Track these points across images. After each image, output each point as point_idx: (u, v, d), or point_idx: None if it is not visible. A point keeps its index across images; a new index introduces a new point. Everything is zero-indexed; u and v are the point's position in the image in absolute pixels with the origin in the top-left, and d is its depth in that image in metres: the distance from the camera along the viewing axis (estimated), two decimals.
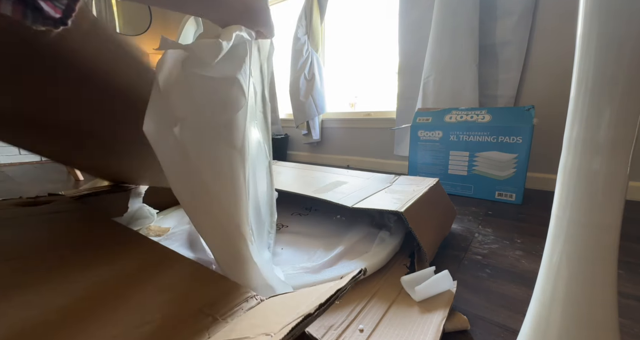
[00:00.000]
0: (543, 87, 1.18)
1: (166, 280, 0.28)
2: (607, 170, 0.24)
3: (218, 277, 0.29)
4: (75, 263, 0.31)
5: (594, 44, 0.23)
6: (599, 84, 0.23)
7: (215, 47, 0.28)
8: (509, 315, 0.43)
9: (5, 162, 1.97)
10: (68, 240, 0.36)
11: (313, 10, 1.75)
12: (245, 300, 0.25)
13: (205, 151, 0.29)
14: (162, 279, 0.28)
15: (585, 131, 0.24)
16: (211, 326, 0.22)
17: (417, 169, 1.24)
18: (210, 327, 0.21)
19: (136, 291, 0.26)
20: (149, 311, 0.23)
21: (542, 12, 1.14)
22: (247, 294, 0.26)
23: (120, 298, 0.25)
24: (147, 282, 0.28)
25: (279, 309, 0.23)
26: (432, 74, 1.35)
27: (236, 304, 0.25)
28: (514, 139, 0.99)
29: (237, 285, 0.28)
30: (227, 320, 0.23)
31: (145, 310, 0.23)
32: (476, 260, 0.60)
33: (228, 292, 0.26)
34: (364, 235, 0.61)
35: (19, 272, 0.29)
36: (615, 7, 0.22)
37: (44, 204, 0.50)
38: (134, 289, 0.26)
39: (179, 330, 0.21)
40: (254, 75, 0.41)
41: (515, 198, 1.02)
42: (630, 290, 0.49)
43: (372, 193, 0.62)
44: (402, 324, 0.37)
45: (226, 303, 0.25)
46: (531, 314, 0.29)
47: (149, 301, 0.25)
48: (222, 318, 0.23)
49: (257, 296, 0.26)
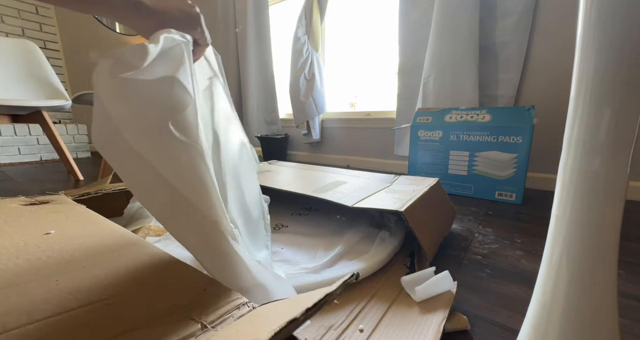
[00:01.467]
0: (543, 87, 1.18)
1: (156, 284, 0.28)
2: (607, 170, 0.24)
3: (210, 281, 0.29)
4: (63, 264, 0.31)
5: (594, 44, 0.23)
6: (599, 84, 0.23)
7: (142, 50, 0.28)
8: (509, 315, 0.43)
9: (5, 162, 1.97)
10: (61, 241, 0.36)
11: (313, 10, 1.75)
12: (237, 308, 0.25)
13: (158, 150, 0.29)
14: (152, 283, 0.28)
15: (585, 131, 0.24)
16: (199, 334, 0.21)
17: (417, 169, 1.24)
18: (198, 335, 0.21)
19: (124, 295, 0.25)
20: (136, 317, 0.22)
21: (542, 12, 1.14)
22: (239, 301, 0.26)
23: (107, 302, 0.24)
24: (136, 286, 0.27)
25: (269, 316, 0.22)
26: (432, 74, 1.35)
27: (227, 312, 0.24)
28: (514, 139, 0.99)
29: (229, 291, 0.27)
30: (217, 328, 0.22)
31: (132, 316, 0.23)
32: (476, 260, 0.60)
33: (219, 298, 0.26)
34: (364, 235, 0.61)
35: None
36: (615, 7, 0.22)
37: (44, 204, 0.50)
38: (122, 293, 0.26)
39: (168, 337, 0.21)
40: (215, 84, 0.42)
41: (515, 198, 1.02)
42: (630, 290, 0.50)
43: (372, 193, 0.62)
44: (402, 324, 0.37)
45: (216, 309, 0.24)
46: (531, 314, 0.29)
47: (137, 306, 0.24)
48: (212, 325, 0.22)
49: (249, 303, 0.26)
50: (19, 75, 1.36)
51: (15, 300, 0.24)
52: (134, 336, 0.20)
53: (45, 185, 1.34)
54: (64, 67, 2.28)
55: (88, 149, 2.37)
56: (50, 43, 2.20)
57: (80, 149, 2.33)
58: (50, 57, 1.91)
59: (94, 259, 0.32)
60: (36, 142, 2.09)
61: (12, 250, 0.33)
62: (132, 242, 0.37)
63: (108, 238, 0.38)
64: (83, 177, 1.47)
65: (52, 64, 1.50)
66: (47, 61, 1.46)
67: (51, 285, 0.26)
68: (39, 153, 2.11)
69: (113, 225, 0.42)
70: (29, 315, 0.22)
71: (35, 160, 2.10)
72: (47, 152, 2.13)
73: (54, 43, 2.22)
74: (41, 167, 1.87)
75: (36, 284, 0.26)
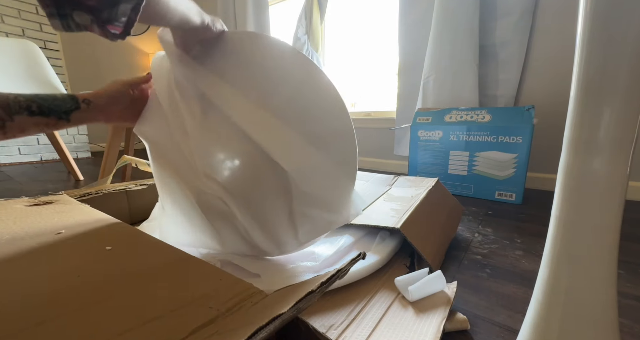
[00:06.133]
0: (543, 87, 1.18)
1: (174, 277, 0.30)
2: (607, 170, 0.24)
3: (223, 274, 0.30)
4: (80, 259, 0.32)
5: (594, 44, 0.23)
6: (599, 84, 0.23)
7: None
8: (509, 315, 0.43)
9: (5, 162, 1.97)
10: (76, 240, 0.37)
11: (313, 10, 1.75)
12: (251, 295, 0.27)
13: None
14: (172, 277, 0.30)
15: (585, 131, 0.24)
16: (218, 320, 0.23)
17: (417, 169, 1.24)
18: (216, 321, 0.23)
19: (147, 288, 0.27)
20: (159, 307, 0.24)
21: (542, 12, 1.14)
22: (253, 290, 0.28)
23: (131, 295, 0.26)
24: (155, 280, 0.29)
25: (287, 295, 0.25)
26: (432, 74, 1.35)
27: (242, 300, 0.26)
28: (514, 139, 0.99)
29: (242, 281, 0.29)
30: (234, 314, 0.24)
31: (155, 306, 0.24)
32: (476, 260, 0.60)
33: (235, 288, 0.28)
34: (363, 235, 0.61)
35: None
36: (615, 7, 0.22)
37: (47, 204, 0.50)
38: (144, 285, 0.28)
39: (188, 324, 0.22)
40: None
41: (515, 198, 1.02)
42: (630, 290, 0.50)
43: (370, 202, 0.62)
44: (402, 324, 0.37)
45: (231, 298, 0.26)
46: (531, 314, 0.29)
47: (159, 297, 0.26)
48: (229, 312, 0.24)
49: (262, 292, 0.27)
50: (19, 76, 1.36)
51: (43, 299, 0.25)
52: (158, 324, 0.22)
53: (46, 185, 1.34)
54: (64, 67, 2.28)
55: (88, 149, 2.37)
56: (50, 43, 2.19)
57: (80, 149, 2.33)
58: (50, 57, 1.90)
59: (113, 257, 0.33)
60: (36, 142, 2.09)
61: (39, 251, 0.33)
62: (145, 239, 0.38)
63: (123, 238, 0.39)
64: (83, 177, 1.47)
65: (52, 64, 1.50)
66: (47, 61, 1.46)
67: (76, 281, 0.28)
68: (39, 153, 2.11)
69: (126, 225, 0.43)
70: (63, 306, 0.24)
71: (36, 160, 2.10)
72: (47, 152, 2.13)
73: (54, 43, 2.22)
74: (41, 167, 1.87)
75: (59, 281, 0.28)
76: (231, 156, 0.45)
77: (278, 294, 0.27)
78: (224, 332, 0.21)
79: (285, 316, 0.20)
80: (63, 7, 0.24)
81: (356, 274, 0.46)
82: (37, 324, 0.21)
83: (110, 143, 1.03)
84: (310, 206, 0.44)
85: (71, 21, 0.25)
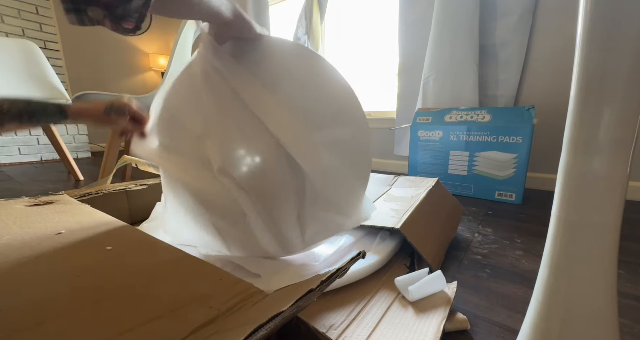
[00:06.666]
0: (543, 87, 1.18)
1: (176, 278, 0.30)
2: (607, 170, 0.24)
3: (223, 274, 0.30)
4: (80, 259, 0.32)
5: (594, 44, 0.23)
6: (599, 84, 0.23)
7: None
8: (509, 315, 0.43)
9: (5, 162, 1.97)
10: (76, 240, 0.37)
11: (313, 10, 1.75)
12: (251, 295, 0.27)
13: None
14: (172, 277, 0.30)
15: (585, 131, 0.24)
16: (218, 320, 0.23)
17: (417, 169, 1.24)
18: (216, 320, 0.23)
19: (147, 288, 0.27)
20: (159, 307, 0.24)
21: (541, 12, 1.14)
22: (253, 290, 0.28)
23: (132, 295, 0.26)
24: (155, 279, 0.29)
25: (286, 294, 0.25)
26: (432, 74, 1.35)
27: (242, 300, 0.26)
28: (514, 139, 0.99)
29: (242, 281, 0.29)
30: (234, 314, 0.24)
31: (156, 306, 0.24)
32: (476, 260, 0.60)
33: (234, 288, 0.28)
34: (363, 235, 0.61)
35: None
36: (615, 7, 0.22)
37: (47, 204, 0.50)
38: (144, 285, 0.28)
39: (188, 324, 0.22)
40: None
41: (515, 198, 1.02)
42: (630, 290, 0.50)
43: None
44: (402, 323, 0.37)
45: (231, 298, 0.26)
46: (531, 314, 0.29)
47: (160, 297, 0.26)
48: (229, 312, 0.24)
49: (262, 292, 0.28)
50: (19, 76, 1.36)
51: (41, 297, 0.25)
52: (158, 324, 0.22)
53: (46, 185, 1.34)
54: (64, 67, 2.28)
55: (88, 149, 2.37)
56: (50, 43, 2.20)
57: (80, 149, 2.33)
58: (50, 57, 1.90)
59: (114, 257, 0.33)
60: (36, 142, 2.09)
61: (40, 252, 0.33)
62: (145, 239, 0.39)
63: (123, 238, 0.39)
64: (83, 177, 1.47)
65: (52, 64, 1.50)
66: (47, 61, 1.46)
67: (76, 282, 0.28)
68: (39, 153, 2.11)
69: (126, 225, 0.43)
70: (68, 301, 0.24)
71: (36, 160, 2.10)
72: (47, 152, 2.13)
73: (54, 43, 2.22)
74: (41, 167, 1.87)
75: (59, 281, 0.28)
76: (252, 153, 0.45)
77: (278, 293, 0.27)
78: (224, 331, 0.21)
79: (285, 314, 0.20)
80: (79, 3, 0.26)
81: (356, 274, 0.46)
82: (37, 324, 0.21)
83: (110, 143, 1.03)
84: (321, 208, 0.45)
85: (85, 16, 0.26)
